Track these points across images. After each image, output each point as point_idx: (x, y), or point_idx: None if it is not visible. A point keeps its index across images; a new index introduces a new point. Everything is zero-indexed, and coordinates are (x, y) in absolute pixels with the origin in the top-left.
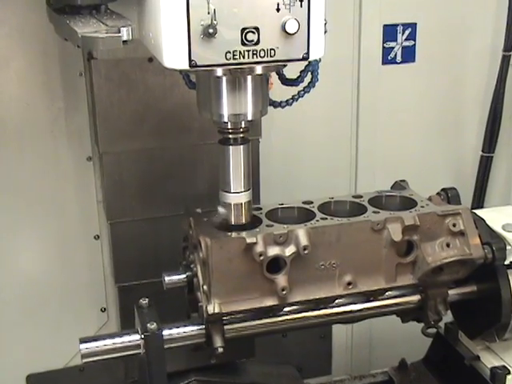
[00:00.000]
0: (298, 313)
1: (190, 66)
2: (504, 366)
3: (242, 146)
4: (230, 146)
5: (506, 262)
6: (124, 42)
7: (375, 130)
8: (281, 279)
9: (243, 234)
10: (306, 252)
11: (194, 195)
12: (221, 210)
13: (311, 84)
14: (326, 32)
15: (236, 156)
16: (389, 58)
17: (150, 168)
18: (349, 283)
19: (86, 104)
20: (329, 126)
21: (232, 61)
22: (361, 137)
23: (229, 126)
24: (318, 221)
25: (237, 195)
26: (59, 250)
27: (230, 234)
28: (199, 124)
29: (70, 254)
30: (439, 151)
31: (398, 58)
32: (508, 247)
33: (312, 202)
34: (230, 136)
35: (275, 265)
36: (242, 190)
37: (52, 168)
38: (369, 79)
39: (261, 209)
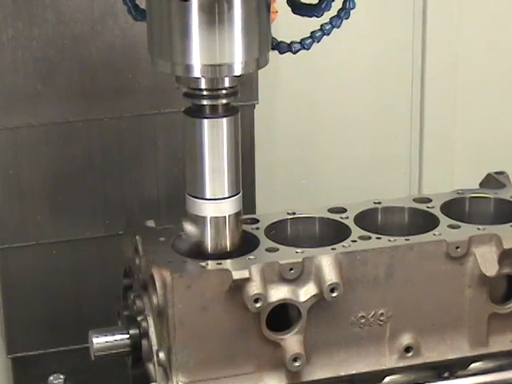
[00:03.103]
0: None
1: None
2: None
3: (224, 120)
4: (205, 120)
5: None
6: None
7: (452, 98)
8: (291, 342)
9: (227, 263)
10: (334, 295)
11: (141, 200)
12: (188, 227)
13: (343, 13)
14: None
15: (215, 136)
16: None
17: (64, 156)
18: (407, 348)
19: None
20: (372, 87)
21: None
22: (429, 108)
23: (202, 86)
24: (354, 241)
25: (217, 203)
26: None
27: (204, 263)
28: (150, 81)
29: None
30: None
31: None
32: None
33: (345, 210)
34: (205, 102)
35: (282, 317)
36: (226, 194)
37: None
38: (444, 14)
39: (257, 221)
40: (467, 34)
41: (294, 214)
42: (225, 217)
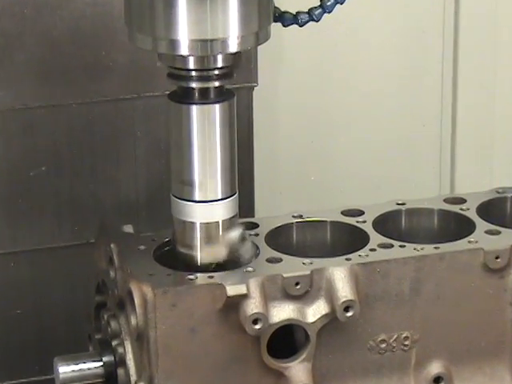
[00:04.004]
0: None
1: None
2: None
3: (217, 107)
4: (194, 106)
5: None
6: None
7: (490, 81)
8: (298, 371)
9: (220, 277)
10: (349, 315)
11: (117, 202)
12: (174, 234)
13: None
14: None
15: (205, 125)
16: None
17: (22, 149)
18: (437, 379)
19: None
20: (395, 64)
21: None
22: (463, 90)
23: (190, 66)
24: (373, 250)
25: (208, 207)
26: None
27: (192, 277)
28: (127, 59)
29: None
30: None
31: None
32: None
33: (361, 213)
34: (194, 85)
35: (286, 341)
36: (219, 195)
37: None
38: None
39: (257, 226)
40: (508, 8)
41: (301, 217)
42: (217, 222)
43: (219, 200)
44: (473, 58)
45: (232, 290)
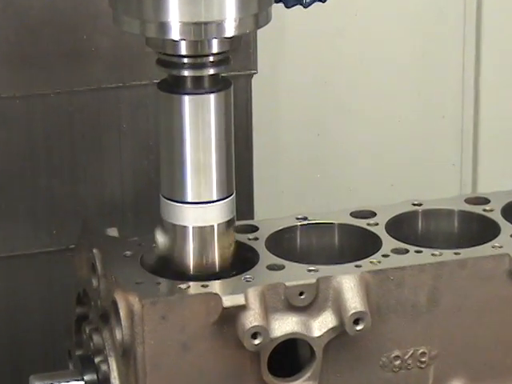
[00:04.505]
0: None
1: None
2: None
3: (212, 97)
4: (186, 97)
5: None
6: None
7: None
8: None
9: (215, 286)
10: (359, 328)
11: (101, 202)
12: (164, 238)
13: None
14: None
15: (199, 118)
16: None
17: None
18: None
19: None
20: (411, 47)
21: None
22: (486, 80)
23: (182, 52)
24: (386, 256)
25: (201, 209)
26: None
27: (184, 286)
28: (111, 44)
29: None
30: None
31: None
32: None
33: (373, 214)
34: (186, 73)
35: (289, 358)
36: (214, 196)
37: None
38: None
39: (256, 229)
40: None
41: (306, 219)
42: (212, 226)
43: (214, 201)
44: (497, 42)
45: (229, 300)
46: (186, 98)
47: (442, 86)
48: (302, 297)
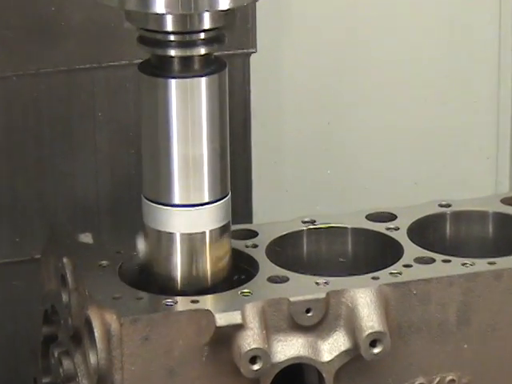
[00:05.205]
0: None
1: None
2: None
3: (203, 81)
4: (173, 81)
5: None
6: None
7: None
8: None
9: (207, 301)
10: (376, 351)
11: (72, 204)
12: (144, 247)
13: None
14: None
15: (188, 105)
16: None
17: None
18: None
19: None
20: (438, 22)
21: None
22: None
23: (168, 28)
24: (408, 266)
25: (191, 213)
26: None
27: (171, 301)
28: (85, 18)
29: None
30: None
31: None
32: None
33: (393, 217)
34: (173, 53)
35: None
36: (205, 198)
37: None
38: None
39: (256, 234)
40: None
41: (314, 222)
42: (203, 233)
43: (206, 204)
44: None
45: (223, 318)
46: (173, 82)
47: (474, 68)
48: (309, 314)
